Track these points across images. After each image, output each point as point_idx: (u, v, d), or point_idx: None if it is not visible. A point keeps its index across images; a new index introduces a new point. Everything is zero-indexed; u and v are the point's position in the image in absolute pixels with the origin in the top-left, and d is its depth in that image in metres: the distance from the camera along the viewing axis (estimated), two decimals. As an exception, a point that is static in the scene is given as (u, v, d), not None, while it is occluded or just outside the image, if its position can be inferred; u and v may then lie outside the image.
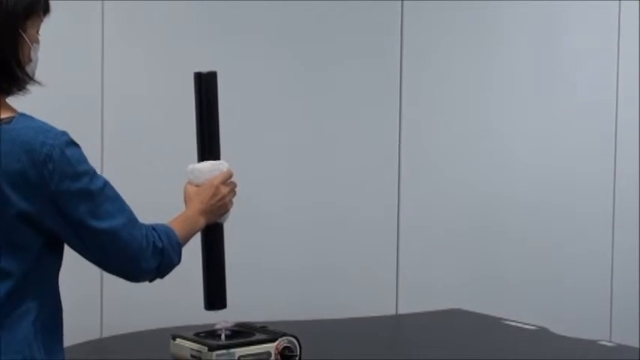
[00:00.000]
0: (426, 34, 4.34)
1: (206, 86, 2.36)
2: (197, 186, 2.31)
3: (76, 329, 3.40)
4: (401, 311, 4.20)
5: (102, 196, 1.95)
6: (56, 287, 2.02)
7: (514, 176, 4.54)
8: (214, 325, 2.71)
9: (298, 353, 2.61)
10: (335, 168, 4.20)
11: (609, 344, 3.22)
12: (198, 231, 2.27)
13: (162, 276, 2.11)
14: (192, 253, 3.70)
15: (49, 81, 1.93)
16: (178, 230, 2.14)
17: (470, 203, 4.44)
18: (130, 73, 3.78)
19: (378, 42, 4.25)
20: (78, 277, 2.09)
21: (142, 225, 2.03)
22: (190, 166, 2.34)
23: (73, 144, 1.92)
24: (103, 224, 1.94)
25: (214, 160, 2.35)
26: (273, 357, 2.58)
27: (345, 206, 4.21)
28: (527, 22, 4.56)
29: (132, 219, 2.01)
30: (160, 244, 2.04)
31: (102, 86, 3.72)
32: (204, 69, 2.37)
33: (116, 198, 1.99)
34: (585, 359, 3.02)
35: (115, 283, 2.37)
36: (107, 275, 3.15)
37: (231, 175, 2.35)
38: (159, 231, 2.07)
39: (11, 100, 1.96)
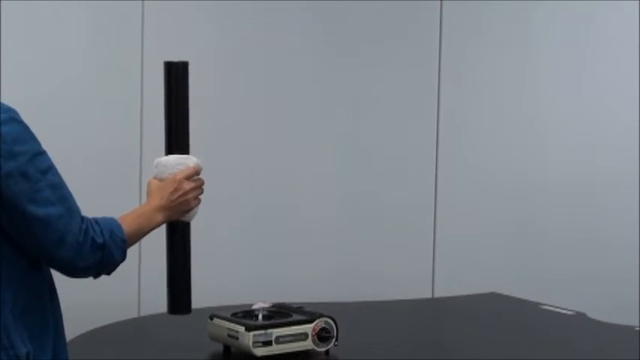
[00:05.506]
0: (463, 28, 4.35)
1: (176, 77, 2.25)
2: (161, 181, 2.18)
3: (113, 307, 3.45)
4: (437, 295, 4.19)
5: (43, 181, 1.87)
6: (35, 274, 1.95)
7: (550, 162, 4.51)
8: (252, 305, 2.72)
9: (335, 334, 2.62)
10: (372, 154, 4.24)
11: (646, 330, 3.19)
12: (154, 227, 2.14)
13: (106, 272, 2.01)
14: (231, 231, 3.70)
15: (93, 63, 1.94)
16: (128, 226, 2.03)
17: (507, 188, 4.42)
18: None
19: (416, 39, 4.29)
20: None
21: (84, 218, 1.94)
22: (156, 160, 2.22)
23: (14, 121, 1.85)
24: (38, 211, 1.85)
25: (181, 154, 2.23)
26: (310, 338, 2.59)
27: (382, 191, 4.24)
28: (564, 18, 4.52)
29: (72, 210, 1.92)
30: (100, 240, 1.94)
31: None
32: (247, 60, 2.32)
33: (59, 185, 1.91)
34: (623, 345, 3.00)
35: (153, 260, 2.38)
36: (145, 253, 3.16)
37: (197, 172, 2.21)
38: (102, 226, 1.97)
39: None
